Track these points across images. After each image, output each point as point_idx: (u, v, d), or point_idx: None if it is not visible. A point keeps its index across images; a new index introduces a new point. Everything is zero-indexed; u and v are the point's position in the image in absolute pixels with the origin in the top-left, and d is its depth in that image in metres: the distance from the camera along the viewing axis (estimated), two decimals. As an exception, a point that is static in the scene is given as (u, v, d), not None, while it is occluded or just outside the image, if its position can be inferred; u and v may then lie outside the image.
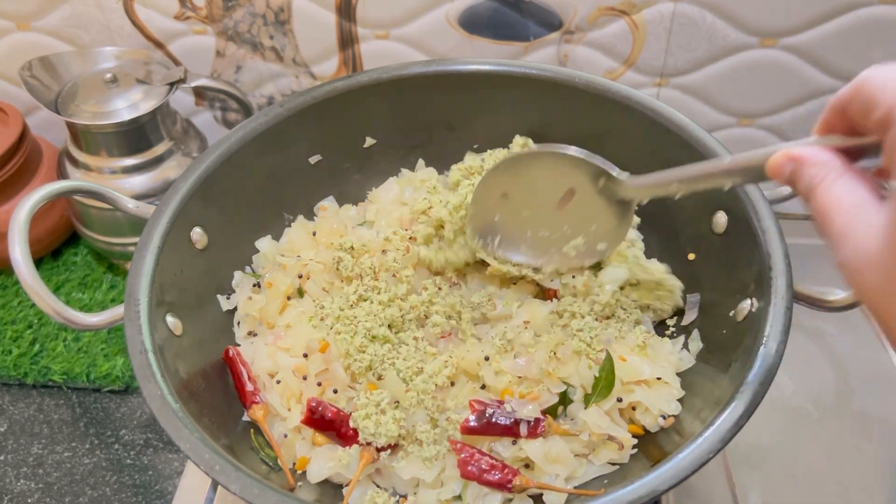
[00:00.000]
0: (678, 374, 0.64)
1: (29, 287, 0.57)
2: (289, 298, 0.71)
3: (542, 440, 0.59)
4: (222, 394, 0.65)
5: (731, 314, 0.62)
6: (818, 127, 0.41)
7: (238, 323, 0.71)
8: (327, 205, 0.80)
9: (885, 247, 0.31)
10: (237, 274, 0.73)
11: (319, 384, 0.63)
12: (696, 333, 0.67)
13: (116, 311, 0.60)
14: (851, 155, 0.39)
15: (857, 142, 0.38)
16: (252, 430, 0.64)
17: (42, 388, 0.85)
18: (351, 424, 0.60)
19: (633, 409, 0.62)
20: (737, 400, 0.52)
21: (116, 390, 0.84)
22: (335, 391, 0.63)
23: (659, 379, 0.62)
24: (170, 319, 0.63)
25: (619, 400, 0.61)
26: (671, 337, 0.68)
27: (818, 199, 0.36)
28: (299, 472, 0.62)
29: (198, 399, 0.59)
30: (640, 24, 0.88)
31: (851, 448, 0.74)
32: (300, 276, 0.71)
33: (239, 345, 0.70)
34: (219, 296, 0.71)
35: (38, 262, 0.95)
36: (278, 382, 0.65)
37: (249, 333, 0.71)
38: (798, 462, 0.74)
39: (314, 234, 0.75)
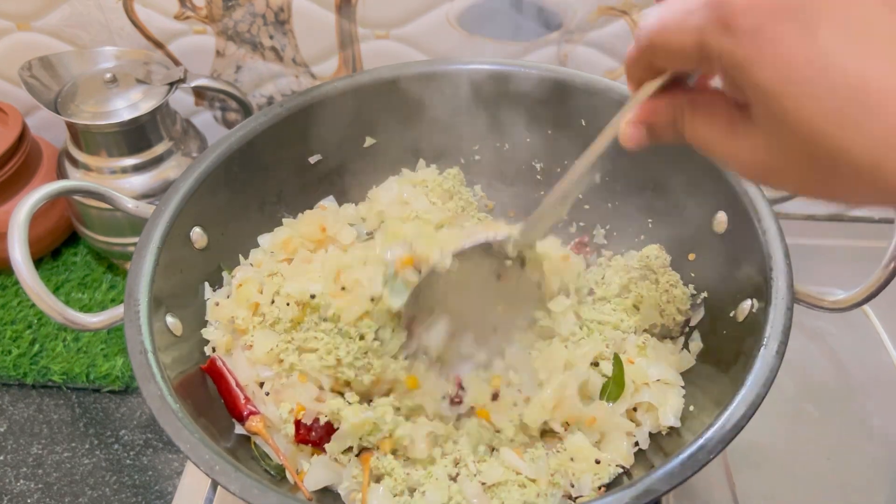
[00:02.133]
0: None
1: (29, 287, 0.57)
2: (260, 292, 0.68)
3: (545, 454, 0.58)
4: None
5: (731, 314, 0.62)
6: (631, 85, 0.41)
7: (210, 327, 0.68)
8: (327, 205, 0.79)
9: (769, 155, 0.34)
10: (225, 275, 0.72)
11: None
12: (696, 333, 0.67)
13: (116, 312, 0.60)
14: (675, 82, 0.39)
15: (672, 76, 0.38)
16: (252, 439, 0.63)
17: (42, 388, 0.85)
18: None
19: (635, 409, 0.62)
20: (737, 401, 0.52)
21: (116, 390, 0.84)
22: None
23: (658, 380, 0.62)
24: (169, 320, 0.63)
25: (635, 409, 0.61)
26: (672, 337, 0.68)
27: (693, 139, 0.38)
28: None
29: (197, 400, 0.59)
30: (641, 24, 0.88)
31: (851, 448, 0.74)
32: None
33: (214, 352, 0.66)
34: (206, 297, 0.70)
35: (38, 262, 0.95)
36: (267, 394, 0.63)
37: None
38: (798, 462, 0.73)
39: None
